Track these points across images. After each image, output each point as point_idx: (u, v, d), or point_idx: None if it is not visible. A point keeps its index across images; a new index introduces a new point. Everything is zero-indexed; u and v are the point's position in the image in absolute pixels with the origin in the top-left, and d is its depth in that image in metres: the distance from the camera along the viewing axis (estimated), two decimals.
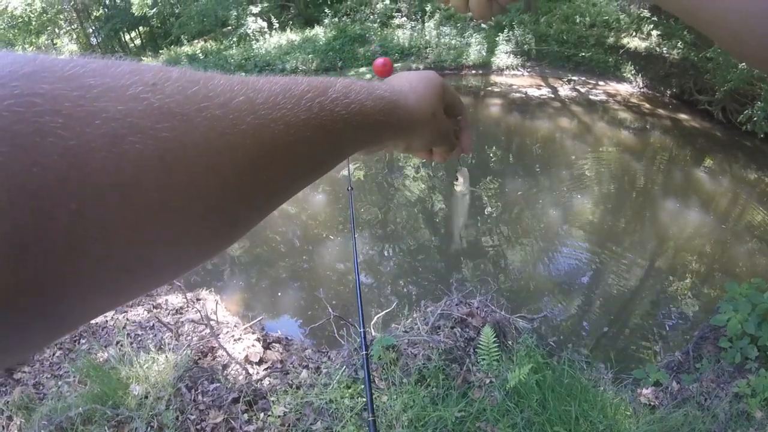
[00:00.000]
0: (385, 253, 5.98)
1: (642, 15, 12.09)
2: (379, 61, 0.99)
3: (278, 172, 0.31)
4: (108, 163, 0.21)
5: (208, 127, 0.26)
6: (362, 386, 2.95)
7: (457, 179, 0.81)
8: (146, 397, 3.09)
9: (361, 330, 1.73)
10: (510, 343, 3.43)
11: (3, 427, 3.17)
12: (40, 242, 0.19)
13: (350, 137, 0.39)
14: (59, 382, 3.48)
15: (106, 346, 3.70)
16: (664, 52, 11.17)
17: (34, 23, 21.45)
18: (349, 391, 2.98)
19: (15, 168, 0.18)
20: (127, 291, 0.26)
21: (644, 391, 3.55)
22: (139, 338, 3.89)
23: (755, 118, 7.83)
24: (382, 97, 0.44)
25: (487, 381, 2.98)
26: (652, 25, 11.57)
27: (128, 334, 3.83)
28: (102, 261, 0.22)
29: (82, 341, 3.86)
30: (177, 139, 0.24)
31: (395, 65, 12.94)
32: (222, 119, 0.27)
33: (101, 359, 3.54)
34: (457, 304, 3.55)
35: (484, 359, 3.06)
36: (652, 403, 3.42)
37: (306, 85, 0.34)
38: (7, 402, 3.29)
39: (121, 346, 3.65)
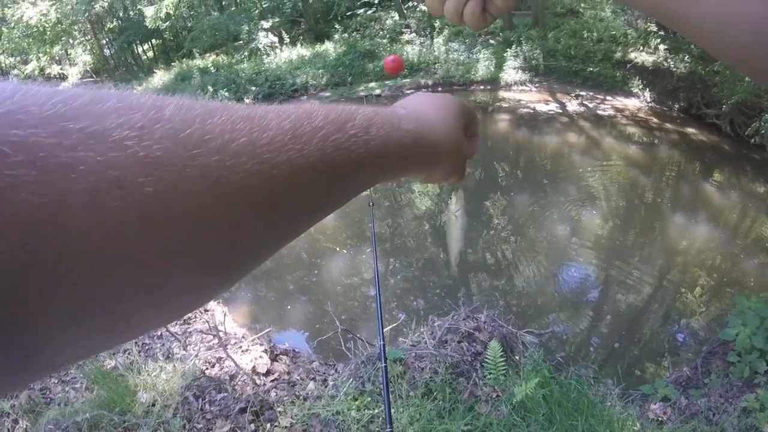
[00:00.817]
0: (393, 268, 5.99)
1: (649, 29, 12.12)
2: (390, 58, 0.98)
3: (278, 218, 0.29)
4: (84, 221, 0.19)
5: (200, 177, 0.23)
6: (369, 398, 2.96)
7: (451, 199, 0.78)
8: (153, 405, 3.12)
9: (381, 342, 1.74)
10: (517, 357, 3.43)
11: (9, 430, 3.20)
12: (11, 305, 0.18)
13: (367, 173, 0.35)
14: (66, 388, 3.51)
15: (113, 354, 3.73)
16: (672, 66, 11.18)
17: (48, 33, 21.76)
18: (356, 403, 2.99)
19: None
20: (104, 343, 0.24)
21: (652, 406, 3.54)
22: (147, 347, 3.93)
23: (763, 131, 7.81)
24: (408, 131, 0.40)
25: (494, 395, 2.98)
26: (659, 39, 11.60)
27: (136, 343, 3.86)
28: (78, 321, 0.21)
29: None
30: (162, 193, 0.22)
31: (404, 81, 13.04)
32: (216, 168, 0.24)
33: (109, 366, 3.57)
34: (464, 319, 3.56)
35: (491, 373, 3.06)
36: (660, 419, 3.41)
37: (321, 119, 0.31)
38: (14, 405, 3.32)
39: (129, 353, 3.68)
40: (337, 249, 6.38)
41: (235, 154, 0.25)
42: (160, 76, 17.30)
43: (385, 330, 3.71)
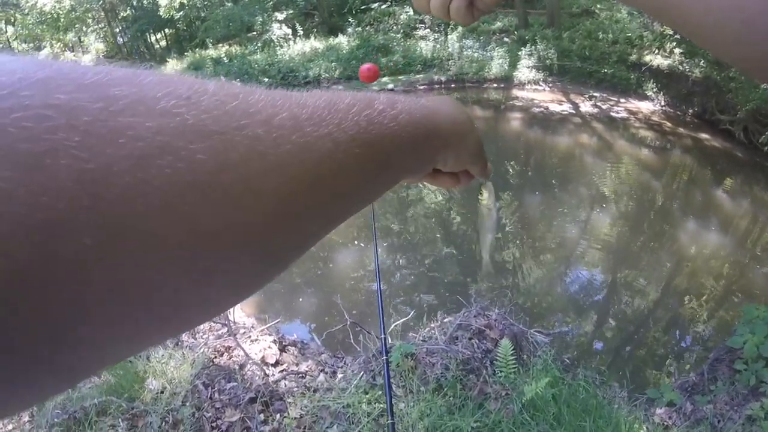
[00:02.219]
0: (403, 263, 6.00)
1: (665, 32, 12.02)
2: (365, 66, 0.98)
3: (325, 196, 0.28)
4: (131, 190, 0.18)
5: (249, 148, 0.22)
6: (380, 392, 2.97)
7: (482, 193, 0.76)
8: (162, 392, 3.11)
9: (382, 336, 1.76)
10: (525, 356, 3.43)
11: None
12: (47, 285, 0.16)
13: (402, 151, 0.35)
14: None
15: None
16: (687, 70, 11.09)
17: (62, 20, 21.91)
18: (367, 396, 2.99)
19: (20, 196, 0.16)
20: (148, 337, 0.22)
21: (658, 410, 3.53)
22: None
23: None
24: (426, 106, 0.41)
25: (504, 393, 2.98)
26: (674, 43, 11.50)
27: None
28: (119, 305, 0.19)
29: None
30: (213, 161, 0.21)
31: (417, 76, 13.03)
32: (264, 138, 0.23)
33: None
34: (475, 316, 3.56)
35: (501, 371, 3.06)
36: (665, 423, 3.40)
37: (350, 98, 0.31)
38: None
39: None
40: (346, 243, 6.39)
41: (280, 127, 0.25)
42: (173, 66, 17.34)
43: (395, 324, 3.74)
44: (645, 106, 11.54)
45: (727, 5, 0.38)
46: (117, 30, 24.84)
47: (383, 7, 16.81)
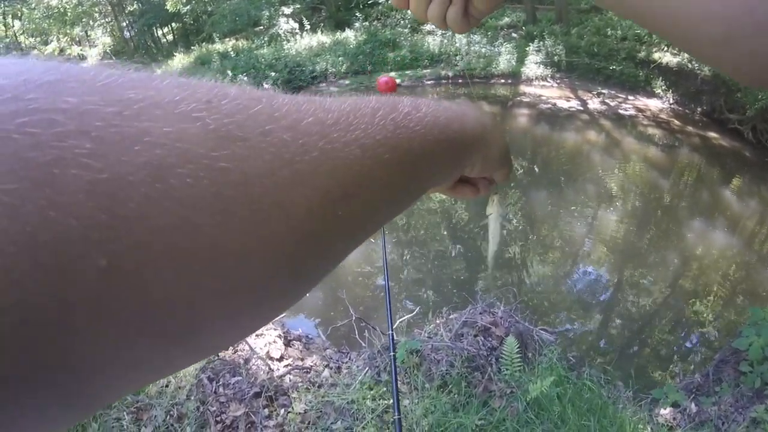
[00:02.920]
0: (409, 259, 6.00)
1: None
2: (383, 79, 0.96)
3: (354, 206, 0.26)
4: (150, 203, 0.16)
5: (275, 155, 0.21)
6: (384, 389, 2.98)
7: (492, 200, 0.75)
8: (167, 386, 3.13)
9: (390, 332, 1.76)
10: (531, 354, 3.43)
11: None
12: (59, 313, 0.15)
13: (429, 155, 0.33)
14: None
15: None
16: (696, 68, 11.00)
17: (69, 14, 21.97)
18: (372, 392, 3.00)
19: (25, 212, 0.14)
20: (170, 362, 0.21)
21: (662, 411, 3.52)
22: None
23: None
24: (450, 108, 0.39)
25: (508, 391, 2.98)
26: None
27: None
28: (138, 329, 0.17)
29: None
30: (238, 170, 0.19)
31: (424, 71, 13.01)
32: (290, 144, 0.22)
33: None
34: (481, 313, 3.55)
35: (507, 369, 3.06)
36: (669, 424, 3.39)
37: (375, 101, 0.30)
38: None
39: None
40: None
41: (306, 133, 0.23)
42: (180, 60, 17.35)
43: (400, 321, 3.74)
44: (653, 104, 11.47)
45: (708, 8, 0.37)
46: (124, 24, 24.88)
47: (390, 1, 16.76)
